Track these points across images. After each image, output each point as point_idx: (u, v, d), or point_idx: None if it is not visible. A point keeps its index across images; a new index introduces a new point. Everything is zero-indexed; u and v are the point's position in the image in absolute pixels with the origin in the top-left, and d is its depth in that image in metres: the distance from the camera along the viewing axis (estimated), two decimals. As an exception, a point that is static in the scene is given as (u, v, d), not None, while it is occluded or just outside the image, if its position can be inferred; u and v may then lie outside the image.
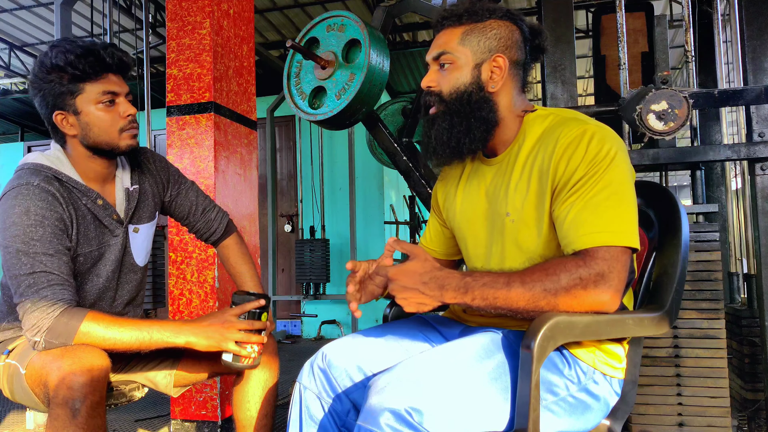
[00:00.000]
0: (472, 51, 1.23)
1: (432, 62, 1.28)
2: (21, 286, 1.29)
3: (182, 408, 2.57)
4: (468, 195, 1.33)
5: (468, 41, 1.23)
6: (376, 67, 1.95)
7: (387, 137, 2.27)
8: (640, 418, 1.96)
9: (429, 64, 1.29)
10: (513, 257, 1.22)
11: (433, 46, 1.27)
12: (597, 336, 1.11)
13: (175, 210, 1.70)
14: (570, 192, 1.12)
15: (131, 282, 1.59)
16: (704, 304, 1.94)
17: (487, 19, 1.24)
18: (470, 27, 1.24)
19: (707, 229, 1.97)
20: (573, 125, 1.15)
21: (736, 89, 2.10)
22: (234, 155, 2.73)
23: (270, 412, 1.57)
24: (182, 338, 1.34)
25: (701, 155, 2.11)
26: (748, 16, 2.20)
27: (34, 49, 7.18)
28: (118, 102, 1.43)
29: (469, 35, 1.23)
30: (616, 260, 1.05)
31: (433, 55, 1.27)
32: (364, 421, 0.98)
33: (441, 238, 1.49)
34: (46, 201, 1.34)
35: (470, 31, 1.23)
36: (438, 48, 1.26)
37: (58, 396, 1.19)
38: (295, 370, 1.37)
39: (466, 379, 1.03)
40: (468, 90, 1.23)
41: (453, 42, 1.24)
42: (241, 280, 1.72)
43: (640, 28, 3.23)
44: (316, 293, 5.64)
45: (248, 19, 2.92)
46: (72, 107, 1.39)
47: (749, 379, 2.44)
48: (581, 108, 2.32)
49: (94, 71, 1.38)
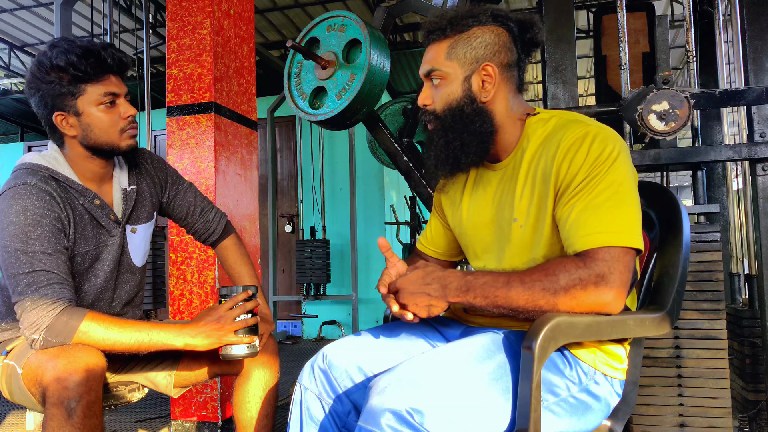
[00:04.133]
0: (459, 64, 1.22)
1: (424, 79, 1.28)
2: (20, 284, 1.28)
3: (182, 409, 2.57)
4: (475, 202, 1.33)
5: (454, 54, 1.22)
6: (376, 67, 1.94)
7: (387, 137, 2.27)
8: (641, 419, 1.95)
9: (422, 79, 1.29)
10: (520, 262, 1.22)
11: (423, 62, 1.27)
12: (598, 336, 1.10)
13: (173, 211, 1.70)
14: (572, 194, 1.11)
15: (129, 282, 1.58)
16: (705, 304, 1.93)
17: (471, 27, 1.22)
18: (455, 39, 1.22)
19: (708, 230, 1.96)
20: (575, 127, 1.15)
21: (738, 89, 2.09)
22: (234, 155, 2.73)
23: (270, 412, 1.57)
24: (181, 341, 1.34)
25: (702, 155, 2.11)
26: (750, 16, 2.20)
27: (34, 49, 7.17)
28: (118, 103, 1.43)
29: (455, 48, 1.22)
30: (617, 261, 1.05)
31: (423, 72, 1.27)
32: (364, 421, 0.97)
33: (443, 239, 1.49)
34: (44, 200, 1.34)
35: (455, 43, 1.22)
36: (427, 64, 1.26)
37: (54, 395, 1.19)
38: (296, 370, 1.37)
39: (467, 380, 1.02)
40: (460, 104, 1.22)
41: (440, 57, 1.23)
42: (240, 281, 1.72)
43: (641, 28, 3.22)
44: (317, 294, 5.64)
45: (249, 19, 2.92)
46: (72, 108, 1.39)
47: (750, 379, 2.44)
48: (582, 108, 2.32)
49: (96, 72, 1.37)
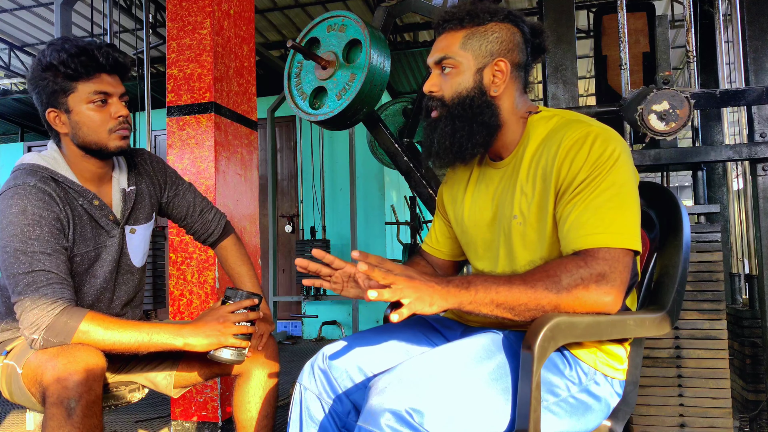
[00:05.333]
0: (473, 55, 1.22)
1: (433, 66, 1.27)
2: (19, 284, 1.28)
3: (183, 409, 2.57)
4: (477, 199, 1.33)
5: (469, 45, 1.22)
6: (376, 67, 1.94)
7: (388, 137, 2.27)
8: (641, 419, 1.95)
9: (430, 67, 1.28)
10: (520, 260, 1.22)
11: (435, 50, 1.26)
12: (598, 337, 1.10)
13: (173, 211, 1.70)
14: (573, 194, 1.11)
15: (129, 283, 1.58)
16: (706, 304, 1.93)
17: (489, 22, 1.23)
18: (471, 30, 1.23)
19: (709, 230, 1.96)
20: (576, 127, 1.15)
21: (738, 89, 2.09)
22: (234, 156, 2.73)
23: (270, 412, 1.57)
24: (180, 340, 1.34)
25: (703, 156, 2.11)
26: (750, 16, 2.20)
27: (34, 49, 7.18)
28: (110, 102, 1.42)
29: (471, 39, 1.22)
30: (617, 261, 1.05)
31: (434, 59, 1.26)
32: (364, 421, 0.97)
33: (447, 240, 1.49)
34: (43, 201, 1.34)
35: (471, 34, 1.23)
36: (439, 52, 1.25)
37: (54, 395, 1.19)
38: (296, 370, 1.37)
39: (467, 380, 1.02)
40: (470, 95, 1.22)
41: (454, 46, 1.23)
42: (240, 281, 1.72)
43: (641, 28, 3.22)
44: (317, 294, 5.64)
45: (249, 19, 2.92)
46: (64, 105, 1.40)
47: (751, 380, 2.43)
48: (582, 108, 2.32)
49: (86, 71, 1.38)
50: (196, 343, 1.34)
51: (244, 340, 1.39)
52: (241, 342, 1.38)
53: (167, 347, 1.34)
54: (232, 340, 1.36)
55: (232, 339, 1.36)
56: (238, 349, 1.39)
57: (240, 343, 1.38)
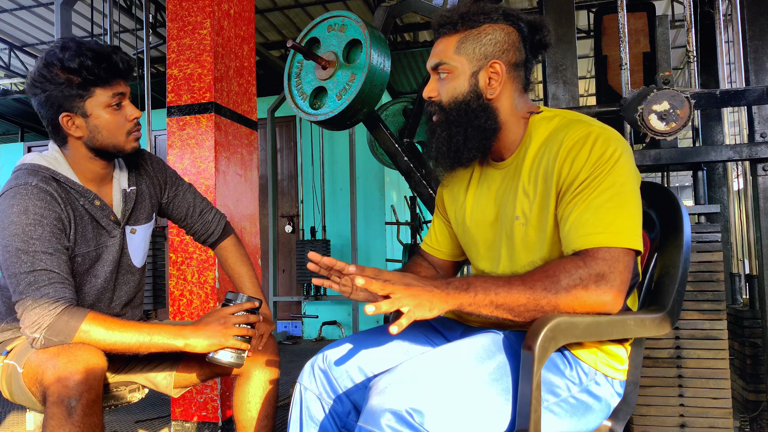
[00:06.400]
0: (468, 59, 1.23)
1: (431, 71, 1.28)
2: (21, 284, 1.28)
3: (183, 409, 2.57)
4: (478, 200, 1.33)
5: (463, 49, 1.23)
6: (377, 67, 1.94)
7: (388, 137, 2.27)
8: (641, 419, 1.95)
9: (429, 72, 1.29)
10: (521, 260, 1.22)
11: (432, 55, 1.28)
12: (598, 337, 1.10)
13: (173, 212, 1.70)
14: (574, 194, 1.11)
15: (129, 283, 1.58)
16: (706, 305, 1.93)
17: (482, 24, 1.23)
18: (465, 34, 1.23)
19: (709, 230, 1.96)
20: (577, 127, 1.15)
21: (738, 89, 2.09)
22: (234, 156, 2.73)
23: (270, 413, 1.57)
24: (181, 341, 1.34)
25: (703, 156, 2.11)
26: (750, 17, 2.20)
27: (34, 49, 7.18)
28: (123, 105, 1.44)
29: (465, 43, 1.23)
30: (617, 261, 1.05)
31: (431, 65, 1.27)
32: (364, 422, 0.97)
33: (447, 240, 1.49)
34: (44, 201, 1.34)
35: (465, 38, 1.23)
36: (435, 57, 1.26)
37: (54, 394, 1.19)
38: (296, 371, 1.37)
39: (467, 380, 1.02)
40: (466, 99, 1.23)
41: (449, 51, 1.24)
42: (239, 282, 1.72)
43: (641, 28, 3.22)
44: (317, 294, 5.64)
45: (249, 19, 2.92)
46: (80, 110, 1.39)
47: (751, 380, 2.43)
48: (583, 108, 2.32)
49: (108, 77, 1.38)
50: (196, 344, 1.34)
51: (244, 343, 1.40)
52: (241, 344, 1.38)
53: (168, 348, 1.34)
54: (232, 341, 1.37)
55: (233, 340, 1.37)
56: (238, 353, 1.39)
57: (240, 344, 1.38)
